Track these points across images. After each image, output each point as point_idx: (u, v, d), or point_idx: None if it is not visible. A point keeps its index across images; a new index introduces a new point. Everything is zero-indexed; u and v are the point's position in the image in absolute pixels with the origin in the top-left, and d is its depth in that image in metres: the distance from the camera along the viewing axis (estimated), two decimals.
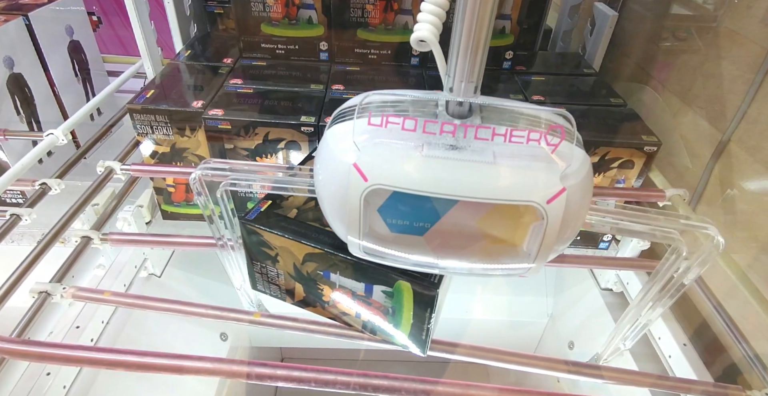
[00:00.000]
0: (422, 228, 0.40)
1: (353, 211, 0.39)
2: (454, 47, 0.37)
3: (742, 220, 0.71)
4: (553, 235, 0.38)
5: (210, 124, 0.77)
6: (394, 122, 0.38)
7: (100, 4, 1.91)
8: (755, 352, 0.59)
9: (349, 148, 0.38)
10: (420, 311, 0.48)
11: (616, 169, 0.78)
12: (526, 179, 0.36)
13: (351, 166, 0.37)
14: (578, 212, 0.38)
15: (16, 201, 0.99)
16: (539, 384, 1.03)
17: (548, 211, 0.36)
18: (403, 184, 0.37)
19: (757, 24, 0.69)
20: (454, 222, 0.39)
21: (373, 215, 0.40)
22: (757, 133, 0.69)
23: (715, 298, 0.65)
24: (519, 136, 0.37)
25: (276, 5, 0.90)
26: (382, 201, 0.39)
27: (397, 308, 0.49)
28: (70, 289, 0.59)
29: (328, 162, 0.40)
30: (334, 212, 0.42)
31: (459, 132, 0.38)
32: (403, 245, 0.42)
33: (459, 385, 0.47)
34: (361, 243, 0.42)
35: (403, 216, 0.40)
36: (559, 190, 0.36)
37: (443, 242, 0.41)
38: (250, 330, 1.12)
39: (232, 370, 0.46)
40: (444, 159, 0.37)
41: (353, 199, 0.38)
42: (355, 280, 0.49)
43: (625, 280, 0.86)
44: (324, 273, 0.50)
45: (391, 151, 0.38)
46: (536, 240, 0.39)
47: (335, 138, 0.40)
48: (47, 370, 0.64)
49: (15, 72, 0.98)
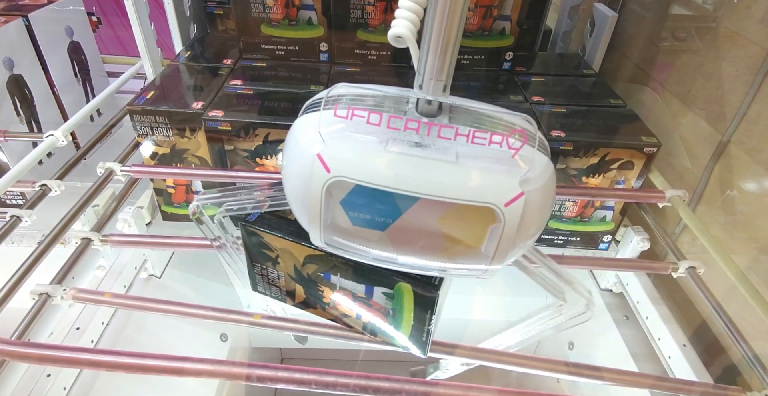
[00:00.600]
0: (384, 223, 0.41)
1: (315, 201, 0.40)
2: (425, 45, 0.37)
3: (741, 221, 0.71)
4: (510, 238, 0.38)
5: (210, 125, 0.77)
6: (360, 115, 0.38)
7: (100, 4, 1.91)
8: (755, 353, 0.59)
9: (315, 139, 0.39)
10: (420, 313, 0.48)
11: (615, 170, 0.78)
12: (485, 181, 0.37)
13: (315, 156, 0.38)
14: (537, 217, 0.39)
15: (17, 202, 0.99)
16: (539, 385, 1.03)
17: (506, 213, 0.37)
18: (364, 177, 0.37)
19: (757, 24, 0.69)
20: (415, 219, 0.40)
21: (336, 207, 0.41)
22: (756, 134, 0.69)
23: (714, 299, 0.65)
24: (481, 137, 0.37)
25: (276, 6, 0.91)
26: (345, 194, 0.40)
27: (397, 310, 0.49)
28: (71, 290, 0.59)
29: (293, 152, 0.41)
30: (297, 202, 0.42)
31: (423, 130, 0.38)
32: (364, 239, 0.42)
33: (459, 386, 0.47)
34: (322, 234, 0.42)
35: (365, 210, 0.40)
36: (517, 194, 0.36)
37: (404, 239, 0.41)
38: (250, 331, 1.12)
39: (233, 371, 0.46)
40: (407, 156, 0.37)
41: (315, 189, 0.39)
42: (355, 281, 0.49)
43: (625, 281, 0.86)
44: (324, 275, 0.50)
45: (355, 144, 0.38)
46: (494, 242, 0.39)
47: (302, 128, 0.41)
48: (47, 371, 0.65)
49: (15, 73, 0.98)
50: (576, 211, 0.84)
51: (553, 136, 0.76)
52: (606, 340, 0.84)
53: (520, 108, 0.85)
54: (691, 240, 0.81)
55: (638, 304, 0.82)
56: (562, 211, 0.84)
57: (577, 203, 0.83)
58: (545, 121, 0.80)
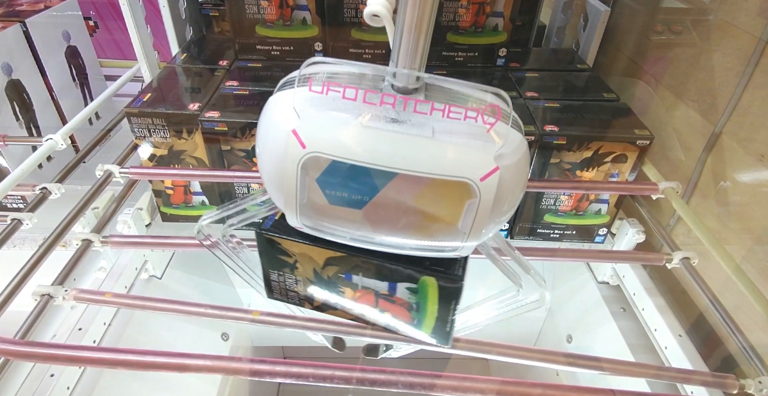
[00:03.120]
0: (360, 201, 0.40)
1: (290, 179, 0.39)
2: (400, 22, 0.37)
3: (735, 211, 0.72)
4: (485, 213, 0.39)
5: (207, 126, 0.78)
6: (335, 90, 0.38)
7: (97, 8, 1.92)
8: (749, 343, 0.60)
9: (289, 115, 0.38)
10: (445, 304, 0.48)
11: (609, 163, 0.79)
12: (461, 156, 0.37)
13: (290, 132, 0.37)
14: (511, 192, 0.39)
15: (17, 206, 1.00)
16: (539, 377, 1.04)
17: (481, 188, 0.37)
18: (341, 153, 0.37)
19: (749, 13, 0.70)
20: (391, 196, 0.40)
21: (312, 185, 0.40)
22: (747, 124, 0.69)
23: (709, 289, 0.66)
24: (456, 112, 0.38)
25: (270, 7, 0.91)
26: (321, 171, 0.39)
27: (421, 304, 0.49)
28: (72, 291, 0.60)
29: (267, 129, 0.40)
30: (272, 181, 0.41)
31: (399, 105, 0.38)
32: (341, 218, 0.42)
33: (455, 377, 0.47)
34: (299, 214, 0.42)
35: (342, 188, 0.40)
36: (492, 169, 0.37)
37: (381, 217, 0.41)
38: (251, 329, 1.13)
39: (232, 367, 0.46)
40: (384, 131, 0.37)
41: (291, 166, 0.38)
42: (378, 279, 0.49)
43: (621, 274, 0.87)
44: (346, 276, 0.50)
45: (331, 119, 0.38)
46: (470, 217, 0.39)
47: (276, 104, 0.40)
48: (51, 371, 0.65)
49: (13, 78, 0.99)
50: (571, 205, 0.85)
51: (546, 130, 0.77)
52: (604, 332, 0.85)
53: (514, 103, 0.85)
54: (687, 231, 0.81)
55: (634, 295, 0.82)
56: (558, 205, 0.84)
57: (572, 197, 0.84)
58: (539, 116, 0.81)
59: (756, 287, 0.63)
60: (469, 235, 0.41)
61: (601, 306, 0.86)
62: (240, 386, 1.09)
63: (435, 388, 0.48)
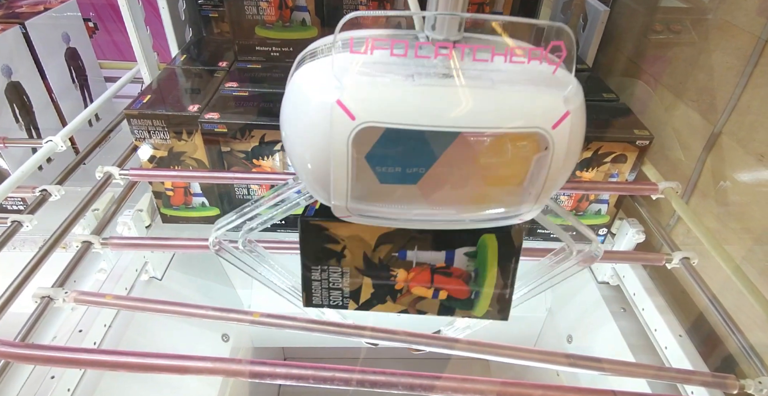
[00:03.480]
0: (416, 175, 0.36)
1: (339, 159, 0.34)
2: None
3: (735, 211, 0.72)
4: (557, 166, 0.35)
5: (206, 127, 0.78)
6: (382, 46, 0.34)
7: (97, 10, 1.92)
8: (749, 343, 0.60)
9: (329, 85, 0.33)
10: (505, 264, 0.46)
11: (609, 163, 0.79)
12: (529, 104, 0.33)
13: (333, 104, 0.33)
14: (579, 140, 0.36)
15: (17, 208, 1.00)
16: (539, 378, 1.04)
17: (554, 137, 0.33)
18: (397, 119, 0.33)
19: (748, 12, 0.70)
20: (451, 163, 0.36)
21: (360, 164, 0.36)
22: (747, 124, 0.69)
23: (708, 289, 0.66)
24: (520, 55, 0.34)
25: (269, 8, 0.91)
26: (371, 145, 0.35)
27: (480, 269, 0.47)
28: (72, 293, 0.60)
29: (301, 108, 0.35)
30: (313, 169, 0.36)
31: (456, 53, 0.34)
32: (394, 198, 0.38)
33: (455, 379, 0.47)
34: (349, 199, 0.37)
35: (396, 161, 0.36)
36: (563, 114, 0.33)
37: (439, 189, 0.37)
38: (251, 331, 1.13)
39: (232, 368, 0.46)
40: (440, 87, 0.33)
41: (339, 144, 0.33)
42: (435, 250, 0.46)
43: (621, 274, 0.87)
44: (399, 253, 0.47)
45: (378, 83, 0.33)
46: (539, 174, 0.36)
47: (308, 77, 0.36)
48: (51, 373, 0.65)
49: (13, 80, 0.99)
50: (571, 205, 0.85)
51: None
52: (604, 332, 0.85)
53: None
54: (687, 231, 0.81)
55: (635, 296, 0.82)
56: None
57: (571, 197, 0.84)
58: None
59: (756, 287, 0.63)
60: (539, 195, 0.37)
61: (601, 306, 0.86)
62: (240, 387, 1.09)
63: (435, 390, 0.48)
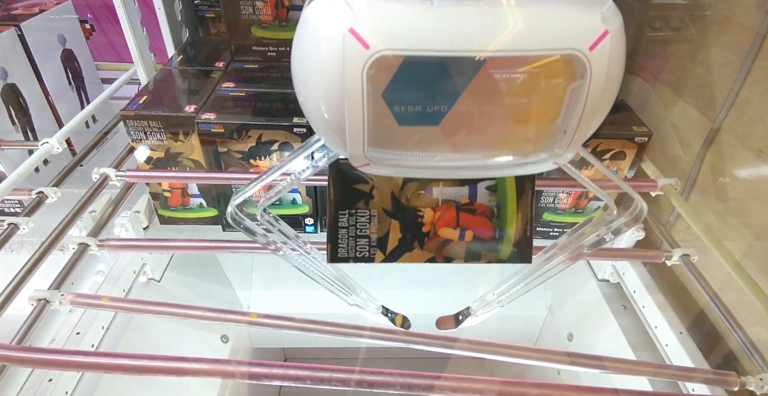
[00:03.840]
0: (438, 114, 0.33)
1: (354, 98, 0.31)
2: None
3: (734, 207, 0.71)
4: (595, 98, 0.31)
5: (203, 128, 0.77)
6: None
7: (93, 12, 1.91)
8: (750, 340, 0.60)
9: (340, 13, 0.30)
10: (523, 198, 0.47)
11: (607, 160, 0.79)
12: (562, 23, 0.30)
13: (346, 34, 0.30)
14: (619, 68, 0.33)
15: (14, 210, 1.00)
16: (540, 377, 1.03)
17: (591, 60, 0.30)
18: (415, 45, 0.30)
19: (747, 7, 0.69)
20: (475, 99, 0.33)
21: (377, 104, 0.33)
22: (746, 119, 0.69)
23: (709, 285, 0.65)
24: None
25: (265, 8, 0.91)
26: (387, 80, 0.32)
27: (502, 203, 0.48)
28: (69, 295, 0.60)
29: (311, 44, 0.33)
30: (327, 113, 0.34)
31: None
32: (414, 143, 0.35)
33: (454, 378, 0.47)
34: (366, 143, 0.34)
35: (415, 99, 0.33)
36: (602, 33, 0.30)
37: (463, 131, 0.34)
38: (251, 331, 1.13)
39: (229, 370, 0.46)
40: (462, 7, 0.30)
41: (353, 79, 0.30)
42: (459, 185, 0.46)
43: (622, 272, 0.86)
44: (426, 190, 0.47)
45: (394, 8, 0.30)
46: (575, 108, 0.32)
47: (318, 10, 0.33)
48: (49, 376, 0.65)
49: (9, 82, 0.99)
50: (570, 203, 0.84)
51: None
52: (604, 330, 0.84)
53: None
54: (686, 228, 0.81)
55: (635, 293, 0.82)
56: (557, 203, 0.84)
57: (570, 195, 0.83)
58: None
59: (756, 283, 0.63)
60: (574, 134, 0.34)
61: (601, 304, 0.86)
62: (240, 388, 1.09)
63: (434, 389, 0.47)
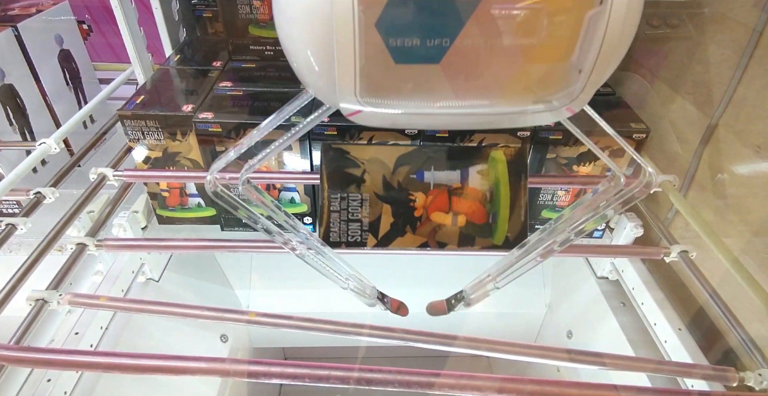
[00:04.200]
0: (439, 49, 0.30)
1: (344, 28, 0.27)
2: None
3: (733, 203, 0.71)
4: (615, 30, 0.28)
5: (200, 127, 0.77)
6: None
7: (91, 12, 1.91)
8: (749, 335, 0.60)
9: None
10: (515, 181, 0.47)
11: None
12: None
13: None
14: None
15: (12, 211, 1.00)
16: (540, 374, 1.03)
17: None
18: None
19: (744, 4, 0.69)
20: (480, 31, 0.29)
21: (370, 35, 0.29)
22: (743, 116, 0.69)
23: (707, 282, 0.65)
24: None
25: (263, 7, 0.91)
26: (382, 7, 0.28)
27: (495, 188, 0.47)
28: (67, 295, 0.60)
29: None
30: (310, 48, 0.30)
31: None
32: (413, 85, 0.31)
33: (453, 375, 0.47)
34: (359, 84, 0.30)
35: (413, 30, 0.29)
36: None
37: (467, 70, 0.30)
38: (250, 331, 1.13)
39: (227, 368, 0.46)
40: None
41: (343, 3, 0.27)
42: (450, 169, 0.46)
43: (620, 269, 0.86)
44: (417, 174, 0.47)
45: None
46: (593, 41, 0.28)
47: None
48: (48, 376, 0.65)
49: (6, 83, 0.98)
50: (568, 200, 0.84)
51: (542, 125, 0.76)
52: (604, 327, 0.84)
53: None
54: (685, 225, 0.81)
55: (633, 290, 0.82)
56: (555, 201, 0.84)
57: (569, 192, 0.83)
58: None
59: (754, 279, 0.63)
60: (590, 73, 0.30)
61: (600, 301, 0.86)
62: (239, 388, 1.09)
63: (433, 387, 0.47)
